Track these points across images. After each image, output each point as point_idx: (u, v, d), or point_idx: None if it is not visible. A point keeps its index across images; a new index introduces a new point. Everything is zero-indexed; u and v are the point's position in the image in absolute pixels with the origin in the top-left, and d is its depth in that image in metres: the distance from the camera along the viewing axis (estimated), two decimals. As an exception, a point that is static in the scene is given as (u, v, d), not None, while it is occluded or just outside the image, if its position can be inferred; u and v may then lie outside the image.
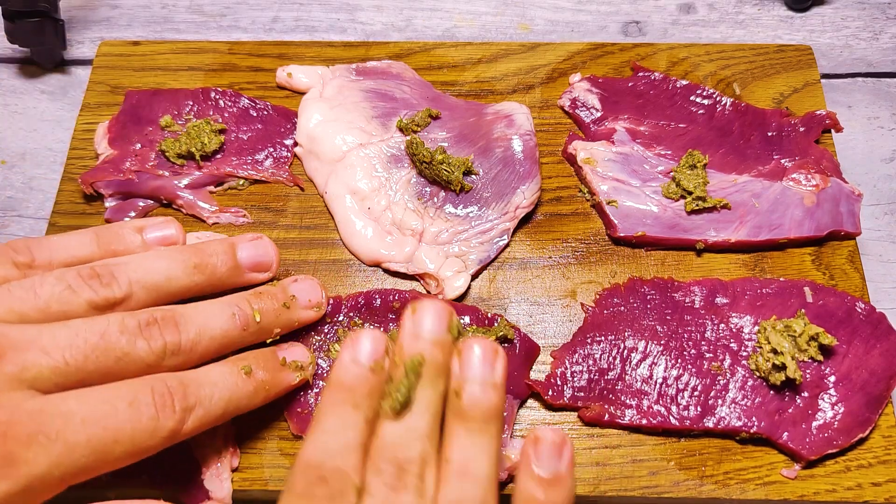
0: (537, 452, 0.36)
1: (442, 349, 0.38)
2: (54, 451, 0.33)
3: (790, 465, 0.48)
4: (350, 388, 0.36)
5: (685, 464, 0.48)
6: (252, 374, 0.41)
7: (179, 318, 0.39)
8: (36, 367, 0.34)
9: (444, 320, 0.39)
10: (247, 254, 0.45)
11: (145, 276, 0.40)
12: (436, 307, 0.39)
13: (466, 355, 0.38)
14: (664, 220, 0.54)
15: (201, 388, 0.38)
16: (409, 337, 0.38)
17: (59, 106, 0.69)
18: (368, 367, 0.37)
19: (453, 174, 0.54)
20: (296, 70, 0.61)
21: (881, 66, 0.72)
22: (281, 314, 0.44)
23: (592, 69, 0.63)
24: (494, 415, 0.37)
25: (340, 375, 0.37)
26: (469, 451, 0.35)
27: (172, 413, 0.36)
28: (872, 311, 0.51)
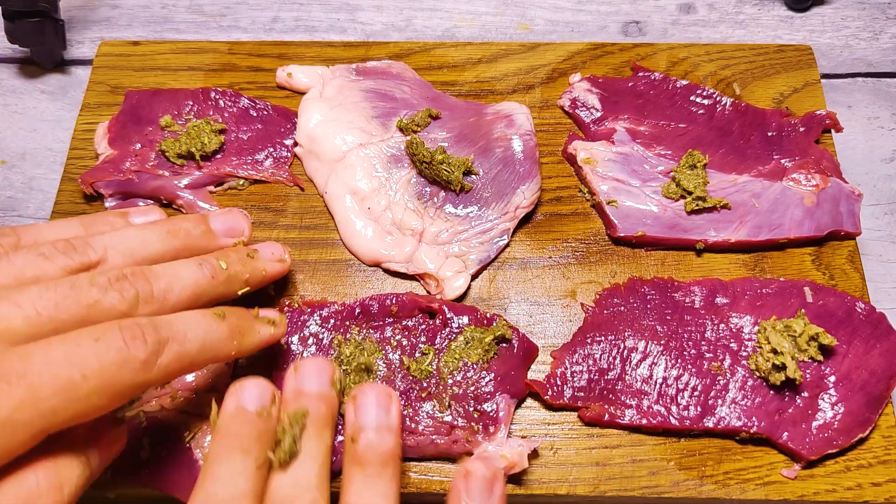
0: (468, 487, 0.36)
1: (325, 402, 0.39)
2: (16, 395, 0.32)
3: (790, 465, 0.48)
4: (237, 434, 0.36)
5: (685, 464, 0.48)
6: (225, 317, 0.40)
7: (149, 273, 0.39)
8: (6, 319, 0.34)
9: (327, 375, 0.40)
10: (219, 222, 0.47)
11: (120, 243, 0.41)
12: (317, 364, 0.41)
13: (360, 401, 0.39)
14: (664, 220, 0.54)
15: (173, 326, 0.37)
16: (293, 393, 0.39)
17: (59, 106, 0.69)
18: (255, 412, 0.37)
19: (453, 174, 0.54)
20: (296, 70, 0.61)
21: (881, 66, 0.72)
22: (246, 262, 0.45)
23: (592, 69, 0.63)
24: (391, 458, 0.37)
25: (227, 423, 0.37)
26: (367, 496, 0.36)
27: (143, 345, 0.35)
28: (872, 311, 0.51)
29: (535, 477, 0.47)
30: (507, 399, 0.48)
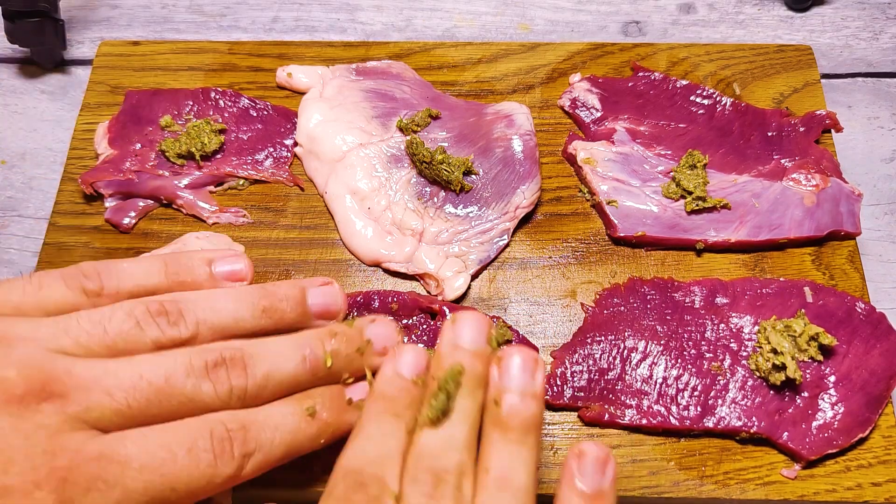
0: (581, 467, 0.35)
1: (481, 360, 0.38)
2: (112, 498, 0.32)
3: (790, 465, 0.48)
4: (392, 398, 0.37)
5: (685, 464, 0.48)
6: (317, 415, 0.39)
7: (248, 360, 0.38)
8: (99, 409, 0.34)
9: (484, 331, 0.39)
10: (316, 301, 0.43)
11: (213, 317, 0.39)
12: (476, 318, 0.39)
13: (506, 364, 0.37)
14: (664, 220, 0.54)
15: (262, 432, 0.37)
16: (449, 347, 0.38)
17: (59, 106, 0.69)
18: (410, 379, 0.38)
19: (453, 174, 0.54)
20: (296, 70, 0.61)
21: (881, 66, 0.72)
22: (354, 360, 0.41)
23: (592, 69, 0.63)
24: (534, 425, 0.36)
25: (383, 387, 0.38)
26: (507, 461, 0.35)
27: (231, 459, 0.35)
28: (872, 311, 0.51)
29: (535, 477, 0.47)
30: None
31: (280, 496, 0.46)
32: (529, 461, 0.36)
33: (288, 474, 0.43)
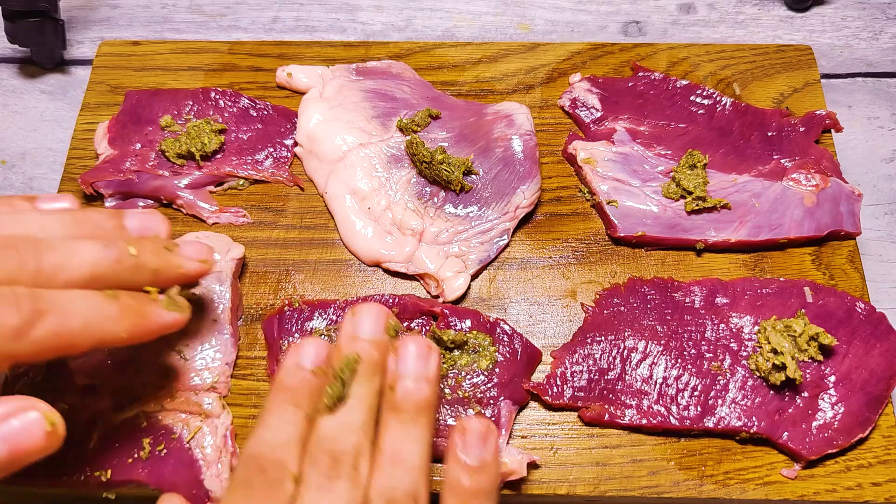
0: (464, 441, 0.38)
1: (378, 348, 0.40)
2: None
3: (790, 465, 0.48)
4: (292, 388, 0.38)
5: (685, 464, 0.48)
6: (118, 298, 0.39)
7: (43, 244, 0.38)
8: None
9: (381, 321, 0.41)
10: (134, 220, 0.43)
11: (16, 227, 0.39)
12: (374, 309, 0.41)
13: (402, 352, 0.40)
14: (664, 220, 0.54)
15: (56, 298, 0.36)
16: (347, 338, 0.40)
17: (59, 106, 0.69)
18: (310, 370, 0.39)
19: (453, 174, 0.54)
20: (296, 70, 0.61)
21: (881, 66, 0.72)
22: (161, 254, 0.42)
23: (592, 69, 0.63)
24: (426, 406, 0.39)
25: (284, 378, 0.39)
26: (400, 441, 0.37)
27: (17, 311, 0.35)
28: (872, 311, 0.51)
29: (535, 477, 0.47)
30: (509, 405, 0.48)
31: None
32: (422, 440, 0.38)
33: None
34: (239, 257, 0.52)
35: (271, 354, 0.50)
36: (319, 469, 0.35)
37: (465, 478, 0.37)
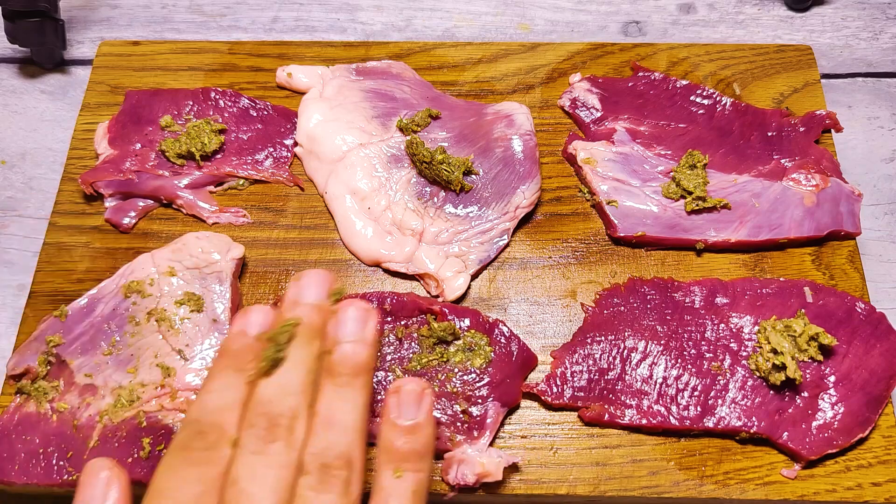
0: (398, 402, 0.38)
1: (319, 313, 0.40)
2: None
3: (790, 465, 0.48)
4: (235, 354, 0.38)
5: (685, 464, 0.48)
6: None
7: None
8: None
9: (324, 287, 0.40)
10: None
11: None
12: (317, 275, 0.41)
13: (340, 317, 0.39)
14: (664, 220, 0.54)
15: None
16: (290, 304, 0.40)
17: (59, 106, 0.69)
18: (254, 336, 0.39)
19: (453, 174, 0.54)
20: (296, 70, 0.61)
21: (881, 66, 0.72)
22: None
23: (592, 69, 0.63)
24: (363, 369, 0.38)
25: (228, 344, 0.39)
26: (336, 404, 0.37)
27: None
28: (872, 311, 0.51)
29: (535, 477, 0.47)
30: (498, 407, 0.48)
31: None
32: (357, 402, 0.37)
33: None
34: (239, 257, 0.52)
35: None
36: (256, 432, 0.35)
37: (399, 439, 0.37)
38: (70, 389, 0.49)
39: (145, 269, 0.52)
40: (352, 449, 0.36)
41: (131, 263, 0.52)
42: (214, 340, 0.50)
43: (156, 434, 0.46)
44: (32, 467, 0.46)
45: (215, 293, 0.51)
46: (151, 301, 0.50)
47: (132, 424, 0.47)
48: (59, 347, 0.50)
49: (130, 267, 0.52)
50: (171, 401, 0.47)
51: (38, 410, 0.48)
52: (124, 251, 0.55)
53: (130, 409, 0.47)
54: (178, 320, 0.50)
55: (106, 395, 0.48)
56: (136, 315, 0.50)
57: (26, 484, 0.46)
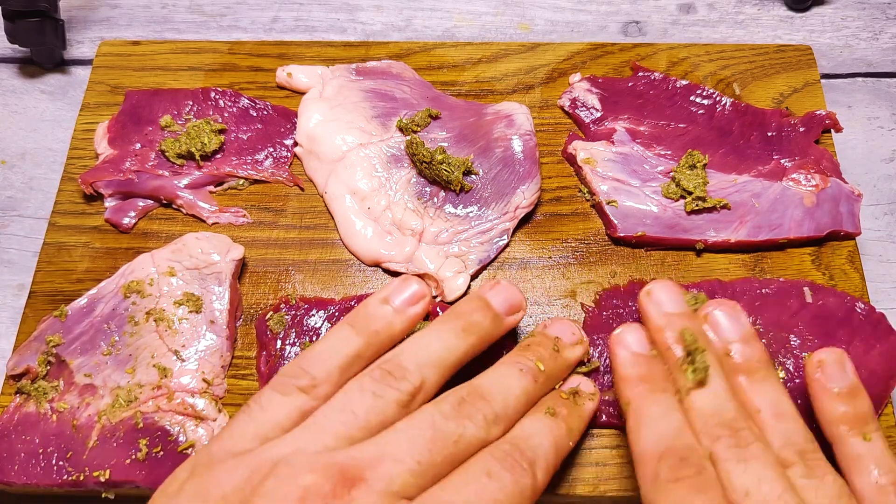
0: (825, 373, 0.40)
1: (690, 319, 0.42)
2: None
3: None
4: (647, 378, 0.40)
5: (685, 464, 0.48)
6: (556, 413, 0.41)
7: (482, 391, 0.39)
8: (399, 477, 0.34)
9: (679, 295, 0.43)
10: (498, 300, 0.44)
11: (429, 357, 0.40)
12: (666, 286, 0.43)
13: (713, 321, 0.42)
14: (664, 220, 0.54)
15: (529, 441, 0.38)
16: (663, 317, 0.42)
17: (59, 106, 0.69)
18: (652, 354, 0.41)
19: (453, 174, 0.54)
20: (296, 70, 0.61)
21: (881, 66, 0.72)
22: (556, 357, 0.44)
23: (592, 69, 0.63)
24: (767, 359, 0.41)
25: (627, 371, 0.41)
26: (770, 396, 0.39)
27: (524, 470, 0.36)
28: (872, 311, 0.51)
29: (535, 477, 0.47)
30: None
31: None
32: (783, 389, 0.40)
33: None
34: (238, 258, 0.52)
35: (262, 353, 0.50)
36: (726, 442, 0.37)
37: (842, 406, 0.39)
38: (70, 389, 0.49)
39: (145, 269, 0.52)
40: (806, 430, 0.39)
41: (131, 263, 0.52)
42: (211, 342, 0.50)
43: (152, 436, 0.46)
44: (32, 467, 0.46)
45: (214, 294, 0.51)
46: (151, 301, 0.50)
47: (129, 425, 0.47)
48: (58, 347, 0.50)
49: (130, 267, 0.52)
50: (168, 402, 0.47)
51: (37, 410, 0.48)
52: (124, 251, 0.55)
53: (128, 410, 0.47)
54: (176, 320, 0.50)
55: (105, 395, 0.48)
56: (136, 315, 0.50)
57: (26, 484, 0.46)
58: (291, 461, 0.34)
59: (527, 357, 0.42)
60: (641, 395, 0.39)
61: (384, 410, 0.37)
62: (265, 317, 0.51)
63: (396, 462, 0.34)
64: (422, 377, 0.39)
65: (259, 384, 0.50)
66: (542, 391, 0.42)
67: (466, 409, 0.38)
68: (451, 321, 0.42)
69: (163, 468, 0.46)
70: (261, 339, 0.51)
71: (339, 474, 0.33)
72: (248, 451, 0.35)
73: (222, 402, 0.49)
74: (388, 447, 0.35)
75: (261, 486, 0.33)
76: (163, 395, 0.48)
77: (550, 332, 0.45)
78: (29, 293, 0.53)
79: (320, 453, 0.35)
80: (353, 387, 0.38)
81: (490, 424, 0.38)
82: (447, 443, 0.36)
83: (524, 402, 0.40)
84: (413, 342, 0.41)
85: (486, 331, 0.42)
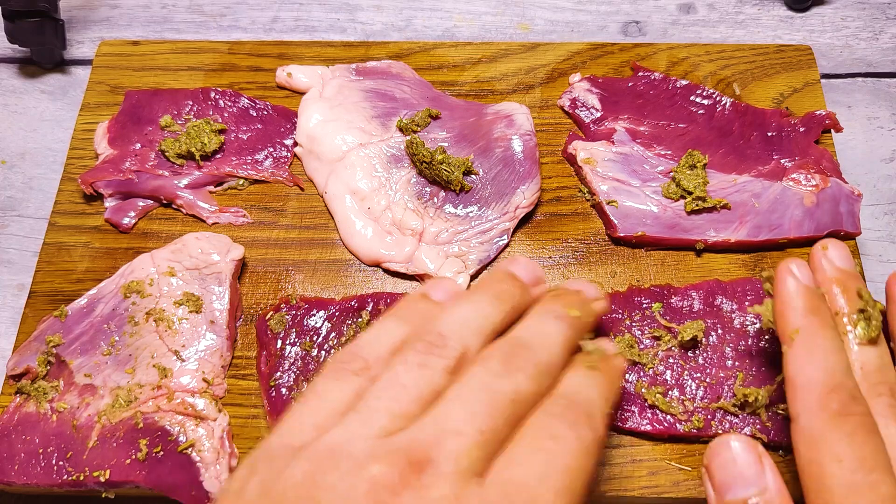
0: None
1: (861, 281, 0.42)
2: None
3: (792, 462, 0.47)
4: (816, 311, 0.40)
5: (685, 464, 0.48)
6: (596, 367, 0.40)
7: (524, 341, 0.39)
8: (465, 453, 0.33)
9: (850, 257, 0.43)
10: (523, 270, 0.44)
11: (468, 326, 0.39)
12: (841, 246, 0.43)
13: None
14: (664, 220, 0.54)
15: (581, 395, 0.37)
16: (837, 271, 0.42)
17: (59, 106, 0.69)
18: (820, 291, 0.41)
19: (453, 174, 0.54)
20: (296, 70, 0.61)
21: (881, 66, 0.72)
22: (585, 306, 0.43)
23: (592, 69, 0.63)
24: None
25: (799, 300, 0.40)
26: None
27: (585, 425, 0.36)
28: (872, 311, 0.51)
29: (535, 477, 0.47)
30: None
31: None
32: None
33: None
34: (238, 258, 0.52)
35: (262, 353, 0.50)
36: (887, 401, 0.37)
37: None
38: (70, 389, 0.49)
39: (145, 269, 0.52)
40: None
41: (131, 263, 0.52)
42: (211, 342, 0.50)
43: (152, 436, 0.46)
44: (32, 467, 0.46)
45: (214, 294, 0.51)
46: (151, 301, 0.50)
47: (129, 425, 0.47)
48: (58, 347, 0.50)
49: (130, 267, 0.52)
50: (168, 402, 0.47)
51: (37, 410, 0.48)
52: (124, 251, 0.55)
53: (128, 410, 0.47)
54: (176, 320, 0.50)
55: (105, 395, 0.48)
56: (136, 315, 0.50)
57: (26, 484, 0.46)
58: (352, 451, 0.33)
59: (559, 305, 0.42)
60: (813, 324, 0.39)
61: (433, 380, 0.36)
62: (265, 317, 0.51)
63: (458, 435, 0.33)
64: (464, 344, 0.38)
65: (259, 384, 0.50)
66: (577, 339, 0.41)
67: (515, 362, 0.37)
68: (482, 292, 0.41)
69: (163, 468, 0.46)
70: (261, 339, 0.51)
71: (405, 460, 0.32)
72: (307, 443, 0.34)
73: (222, 402, 0.49)
74: (447, 420, 0.34)
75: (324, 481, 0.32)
76: (163, 395, 0.48)
77: (571, 286, 0.44)
78: (29, 293, 0.53)
79: (379, 438, 0.33)
80: (398, 362, 0.37)
81: (541, 375, 0.37)
82: (505, 403, 0.35)
83: (565, 349, 0.40)
84: (449, 314, 0.40)
85: (517, 299, 0.42)
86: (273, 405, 0.48)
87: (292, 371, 0.49)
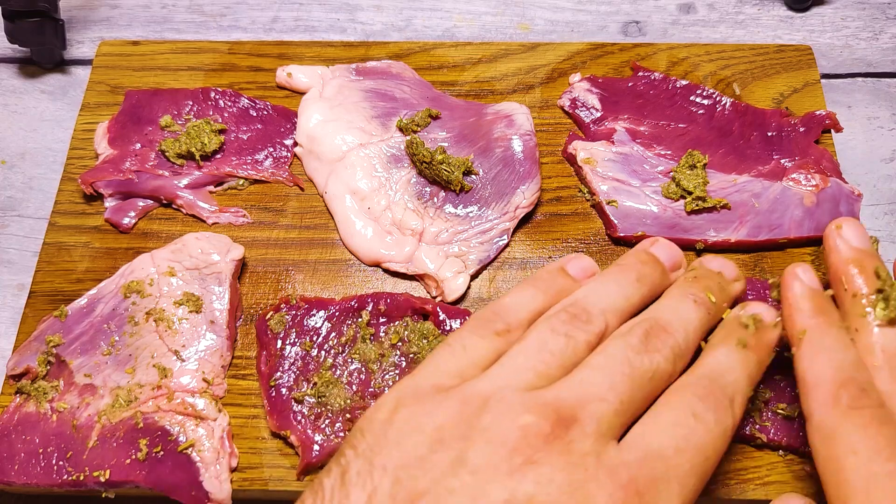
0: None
1: (878, 259, 0.42)
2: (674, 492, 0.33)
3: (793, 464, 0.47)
4: (823, 311, 0.40)
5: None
6: (748, 344, 0.40)
7: (663, 322, 0.39)
8: (605, 417, 0.34)
9: (866, 235, 0.43)
10: (664, 253, 0.45)
11: (610, 304, 0.40)
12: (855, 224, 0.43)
13: None
14: (664, 220, 0.54)
15: (726, 377, 0.38)
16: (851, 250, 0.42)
17: (59, 106, 0.69)
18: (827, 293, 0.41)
19: (453, 174, 0.54)
20: (296, 70, 0.61)
21: (881, 66, 0.72)
22: (722, 288, 0.44)
23: (592, 69, 0.63)
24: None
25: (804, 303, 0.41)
26: None
27: (726, 410, 0.36)
28: (872, 311, 0.51)
29: (535, 477, 0.47)
30: None
31: None
32: None
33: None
34: (238, 259, 0.52)
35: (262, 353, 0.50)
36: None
37: None
38: (70, 389, 0.49)
39: (145, 269, 0.52)
40: None
41: (131, 263, 0.52)
42: (211, 342, 0.50)
43: (152, 436, 0.46)
44: (32, 467, 0.46)
45: (214, 294, 0.51)
46: (151, 301, 0.50)
47: (129, 425, 0.47)
48: (58, 347, 0.50)
49: (130, 267, 0.52)
50: (168, 402, 0.47)
51: (37, 410, 0.48)
52: (124, 251, 0.55)
53: (128, 410, 0.47)
54: (176, 320, 0.50)
55: (105, 395, 0.48)
56: (136, 315, 0.50)
57: (26, 484, 0.46)
58: (504, 398, 0.34)
59: (698, 288, 0.42)
60: (819, 325, 0.39)
61: (576, 350, 0.38)
62: (265, 317, 0.51)
63: (601, 401, 0.35)
64: (605, 321, 0.39)
65: (259, 384, 0.50)
66: (713, 323, 0.42)
67: (654, 342, 0.38)
68: (625, 272, 0.42)
69: (163, 468, 0.46)
70: (261, 339, 0.51)
71: (554, 414, 0.34)
72: (453, 386, 0.36)
73: (222, 401, 0.49)
74: (591, 386, 0.35)
75: (478, 421, 0.33)
76: (163, 395, 0.48)
77: (712, 266, 0.45)
78: (29, 293, 0.53)
79: (528, 391, 0.35)
80: (544, 327, 0.39)
81: (677, 358, 0.38)
82: (644, 379, 0.36)
83: (701, 333, 0.40)
84: (592, 289, 0.41)
85: (657, 283, 0.43)
86: (273, 405, 0.48)
87: (292, 371, 0.49)
